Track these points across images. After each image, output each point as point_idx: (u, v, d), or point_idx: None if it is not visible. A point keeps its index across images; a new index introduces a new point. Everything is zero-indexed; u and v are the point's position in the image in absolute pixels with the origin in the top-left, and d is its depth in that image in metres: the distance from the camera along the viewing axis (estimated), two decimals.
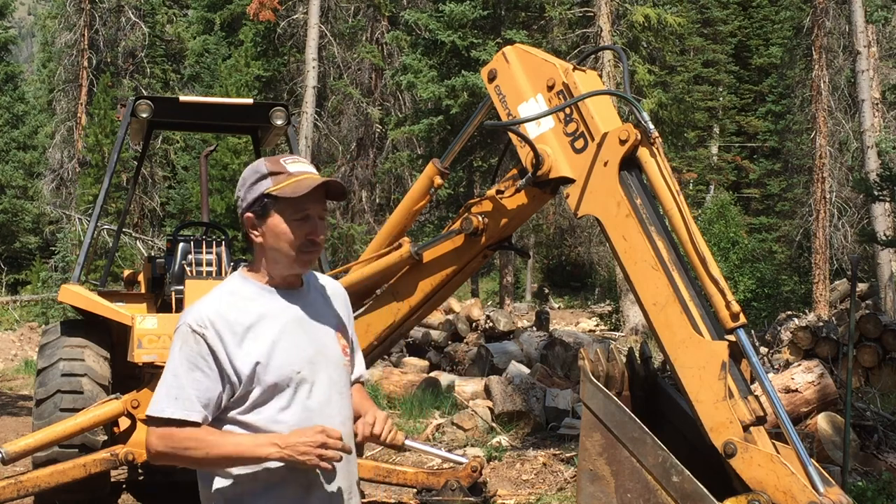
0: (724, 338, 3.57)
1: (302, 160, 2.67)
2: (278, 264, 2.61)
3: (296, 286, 2.66)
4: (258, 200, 2.58)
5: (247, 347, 2.51)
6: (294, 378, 2.55)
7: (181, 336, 2.52)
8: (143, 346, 6.11)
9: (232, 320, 2.52)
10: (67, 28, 32.01)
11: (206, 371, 2.49)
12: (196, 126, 9.94)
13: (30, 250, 33.80)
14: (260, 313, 2.56)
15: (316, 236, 2.59)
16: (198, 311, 2.54)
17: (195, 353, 2.50)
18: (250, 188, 2.60)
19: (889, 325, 10.86)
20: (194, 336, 2.50)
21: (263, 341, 2.53)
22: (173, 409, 2.48)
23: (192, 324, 2.51)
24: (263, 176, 2.59)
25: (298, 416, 2.54)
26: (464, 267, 4.80)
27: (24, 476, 5.96)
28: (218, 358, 2.50)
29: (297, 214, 2.56)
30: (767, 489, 3.27)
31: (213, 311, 2.53)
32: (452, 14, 23.05)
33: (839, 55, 24.29)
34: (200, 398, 2.49)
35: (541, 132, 4.19)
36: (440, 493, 6.18)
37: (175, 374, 2.50)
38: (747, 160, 38.47)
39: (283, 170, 2.59)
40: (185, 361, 2.50)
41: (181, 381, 2.49)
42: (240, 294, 2.60)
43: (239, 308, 2.55)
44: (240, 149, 24.73)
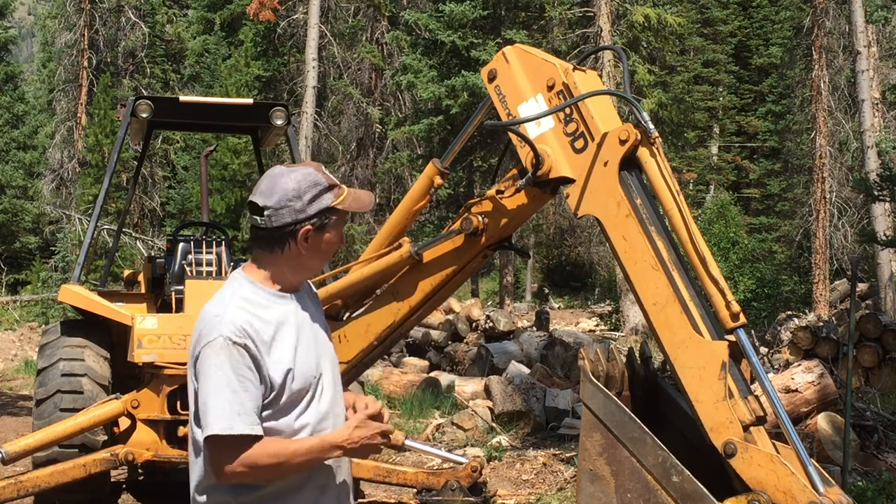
0: (724, 338, 3.57)
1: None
2: (305, 273, 2.66)
3: (298, 290, 2.69)
4: (322, 214, 2.58)
5: (276, 355, 2.53)
6: (312, 382, 2.59)
7: (224, 349, 2.47)
8: (143, 346, 6.11)
9: (259, 329, 2.52)
10: (67, 28, 32.01)
11: (254, 381, 2.49)
12: (196, 126, 9.95)
13: (30, 250, 33.80)
14: (278, 320, 2.57)
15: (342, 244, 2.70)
16: (231, 322, 2.50)
17: (242, 366, 2.47)
18: (313, 201, 2.57)
19: (889, 325, 10.87)
20: (237, 348, 2.47)
21: (288, 348, 2.55)
22: (242, 426, 2.45)
23: (232, 336, 2.48)
24: (326, 189, 2.58)
25: (314, 416, 2.59)
26: (464, 267, 4.79)
27: (24, 476, 5.96)
28: (259, 367, 2.50)
29: (342, 225, 2.64)
30: (767, 489, 3.27)
31: (245, 321, 2.51)
32: (452, 14, 23.05)
33: (839, 55, 24.30)
34: (256, 410, 2.49)
35: (541, 132, 4.19)
36: (440, 493, 6.18)
37: (232, 389, 2.46)
38: (747, 160, 38.47)
39: (335, 182, 2.60)
40: (235, 375, 2.46)
41: (240, 397, 2.46)
42: (256, 302, 2.58)
43: (260, 316, 2.55)
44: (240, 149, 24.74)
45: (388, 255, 4.87)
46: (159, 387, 6.16)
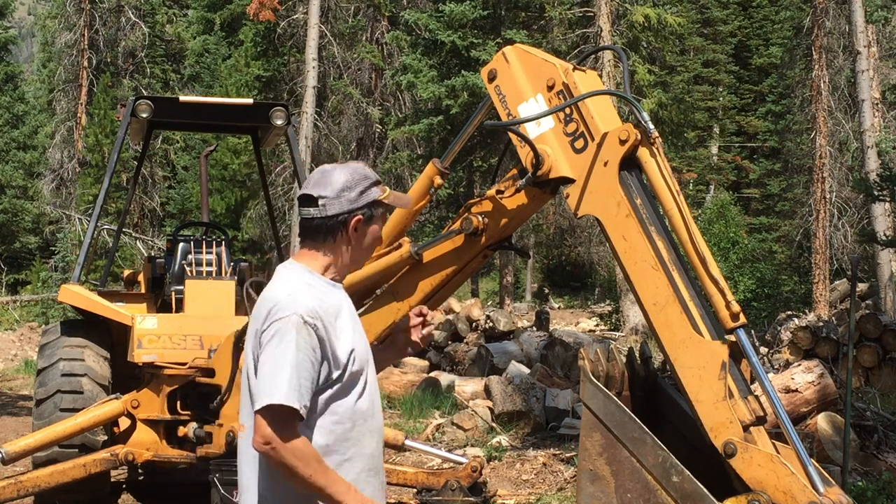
0: (724, 338, 3.57)
1: None
2: (354, 264, 2.84)
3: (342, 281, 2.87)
4: (371, 206, 2.77)
5: (340, 337, 2.69)
6: (366, 364, 2.76)
7: (295, 327, 2.59)
8: (143, 346, 6.12)
9: (326, 312, 2.68)
10: (67, 28, 32.01)
11: (314, 364, 2.62)
12: (196, 126, 9.96)
13: (30, 250, 33.79)
14: (337, 305, 2.74)
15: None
16: (304, 303, 2.64)
17: (308, 346, 2.61)
18: (363, 193, 2.76)
19: (889, 325, 10.86)
20: (307, 328, 2.60)
21: (348, 331, 2.72)
22: (293, 397, 2.55)
23: (305, 316, 2.61)
24: (375, 183, 2.79)
25: (367, 402, 2.75)
26: (464, 267, 4.79)
27: (24, 476, 5.96)
28: (324, 349, 2.64)
29: (383, 222, 2.86)
30: (767, 489, 3.27)
31: (317, 303, 2.66)
32: (452, 14, 23.04)
33: (839, 55, 24.29)
34: (310, 391, 2.61)
35: (541, 132, 4.19)
36: (440, 493, 6.18)
37: (295, 366, 2.57)
38: (747, 160, 38.46)
39: (377, 177, 2.82)
40: (302, 353, 2.59)
41: (300, 374, 2.58)
42: (317, 288, 2.74)
43: (323, 300, 2.70)
44: (240, 149, 24.75)
45: (388, 255, 4.87)
46: (159, 387, 6.16)
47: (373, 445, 2.76)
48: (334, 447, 2.66)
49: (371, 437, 2.76)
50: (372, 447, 2.76)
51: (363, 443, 2.73)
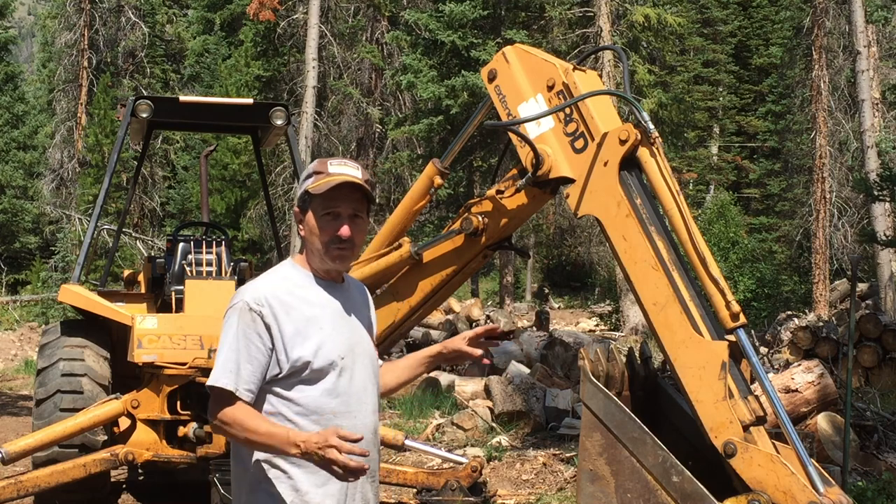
0: (724, 338, 3.57)
1: (350, 163, 2.78)
2: (315, 257, 2.77)
3: (337, 281, 2.82)
4: (301, 196, 2.77)
5: (300, 329, 2.66)
6: (338, 363, 2.70)
7: (238, 312, 2.67)
8: (143, 346, 6.12)
9: (287, 303, 2.68)
10: (67, 28, 31.98)
11: (260, 347, 2.64)
12: (196, 126, 9.96)
13: (30, 250, 33.78)
14: (310, 300, 2.73)
15: (344, 233, 2.71)
16: (255, 289, 2.70)
17: (252, 331, 2.64)
18: (300, 184, 2.80)
19: (889, 325, 10.86)
20: (251, 314, 2.65)
21: (313, 325, 2.69)
22: (226, 380, 2.63)
23: (250, 301, 2.66)
24: (310, 175, 2.77)
25: (340, 399, 2.70)
26: (464, 267, 4.79)
27: (24, 476, 5.95)
28: (272, 336, 2.65)
29: (326, 210, 2.71)
30: (767, 489, 3.28)
31: (270, 292, 2.69)
32: (452, 14, 23.04)
33: (839, 55, 24.28)
34: (253, 373, 2.64)
35: (541, 132, 4.19)
36: (440, 493, 6.17)
37: (233, 348, 2.65)
38: (747, 160, 38.46)
39: (325, 170, 2.73)
40: (243, 337, 2.65)
41: (237, 357, 2.64)
42: (292, 280, 2.75)
43: (293, 293, 2.71)
44: (240, 149, 24.74)
45: (388, 255, 4.87)
46: (159, 387, 6.16)
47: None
48: None
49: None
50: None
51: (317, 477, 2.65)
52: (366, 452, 2.55)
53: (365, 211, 2.78)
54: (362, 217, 2.77)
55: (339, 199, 2.71)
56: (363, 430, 2.71)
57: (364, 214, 2.78)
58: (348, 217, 2.73)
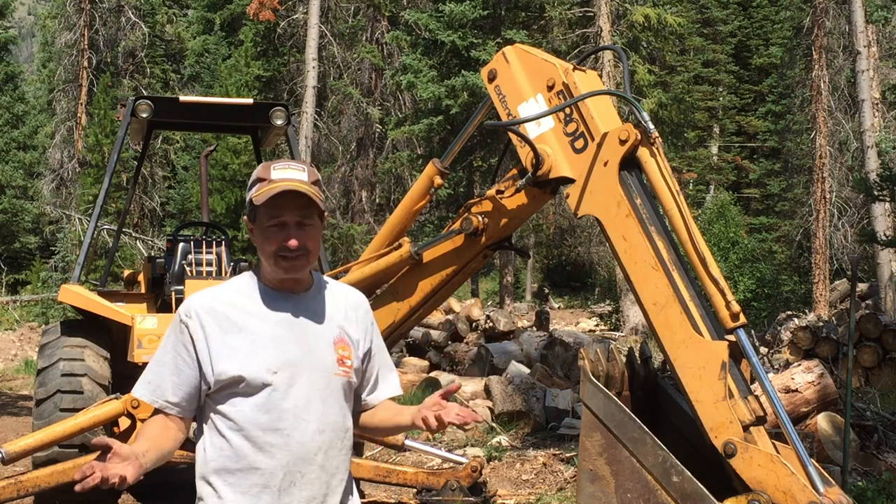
0: (724, 338, 3.57)
1: (294, 166, 2.61)
2: (267, 268, 2.63)
3: (296, 289, 2.65)
4: (248, 206, 2.64)
5: (229, 342, 2.55)
6: (267, 378, 2.55)
7: (172, 324, 2.63)
8: (143, 346, 6.12)
9: (220, 314, 2.58)
10: (67, 28, 31.98)
11: (185, 359, 2.58)
12: (196, 126, 9.95)
13: (30, 250, 33.79)
14: (250, 311, 2.60)
15: (290, 243, 2.54)
16: (189, 301, 2.64)
17: (178, 343, 2.59)
18: (247, 192, 2.66)
19: (889, 325, 10.86)
20: (180, 325, 2.59)
21: (245, 338, 2.56)
22: (142, 391, 2.65)
23: (182, 313, 2.61)
24: (254, 182, 2.62)
25: (270, 415, 2.56)
26: (464, 267, 4.80)
27: (24, 476, 5.95)
28: (197, 348, 2.56)
29: (271, 220, 2.56)
30: (767, 489, 3.28)
31: (202, 304, 2.60)
32: (452, 14, 23.04)
33: (839, 55, 24.29)
34: (178, 386, 2.60)
35: (541, 132, 4.19)
36: (440, 493, 6.17)
37: (157, 360, 2.63)
38: (747, 160, 38.47)
39: (268, 176, 2.57)
40: (171, 349, 2.61)
41: (161, 368, 2.62)
42: (240, 290, 2.65)
43: (231, 303, 2.61)
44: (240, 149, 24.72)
45: (388, 255, 4.87)
46: None
47: (273, 464, 2.56)
48: (229, 454, 2.63)
49: (273, 455, 2.56)
50: (271, 465, 2.56)
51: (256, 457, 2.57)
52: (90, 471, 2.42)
53: (314, 216, 2.59)
54: (311, 223, 2.58)
55: (283, 207, 2.53)
56: (297, 450, 2.55)
57: (313, 220, 2.59)
58: (295, 225, 2.55)
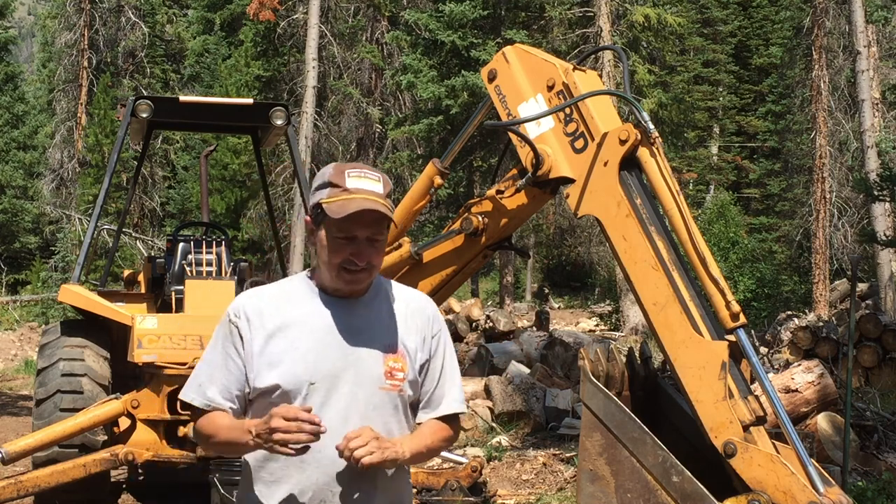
0: (724, 338, 3.57)
1: (370, 175, 2.48)
2: (324, 274, 2.52)
3: (350, 295, 2.53)
4: (314, 208, 2.49)
5: (270, 347, 2.47)
6: (304, 388, 2.44)
7: (221, 324, 2.55)
8: (143, 346, 6.11)
9: (266, 315, 2.50)
10: (67, 28, 31.98)
11: (235, 361, 2.50)
12: (196, 126, 9.96)
13: (30, 250, 33.79)
14: (296, 316, 2.50)
15: (358, 259, 2.44)
16: (238, 301, 2.56)
17: (229, 343, 2.51)
18: (313, 193, 2.51)
19: (889, 325, 10.86)
20: (229, 325, 2.51)
21: (286, 343, 2.47)
22: (193, 394, 2.53)
23: (230, 313, 2.53)
24: (324, 185, 2.48)
25: None
26: (464, 267, 4.80)
27: (24, 476, 5.95)
28: (244, 350, 2.49)
29: (340, 234, 2.44)
30: (767, 489, 3.28)
31: (251, 304, 2.52)
32: (452, 14, 23.04)
33: (839, 55, 24.29)
34: (228, 388, 2.51)
35: (541, 132, 4.20)
36: (440, 493, 6.17)
37: (207, 361, 2.55)
38: (747, 160, 38.47)
39: (343, 183, 2.44)
40: (220, 349, 2.52)
41: (212, 370, 2.53)
42: (289, 293, 2.56)
43: (278, 306, 2.52)
44: (240, 149, 24.73)
45: (388, 255, 4.87)
46: (159, 387, 6.16)
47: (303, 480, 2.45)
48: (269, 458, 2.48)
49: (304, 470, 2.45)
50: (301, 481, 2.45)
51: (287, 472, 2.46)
52: (314, 419, 2.33)
53: (384, 230, 2.49)
54: (379, 239, 2.47)
55: (356, 222, 2.42)
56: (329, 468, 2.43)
57: (382, 236, 2.49)
58: (365, 240, 2.44)
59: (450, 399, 2.61)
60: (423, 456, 2.57)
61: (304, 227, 13.44)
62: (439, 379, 2.60)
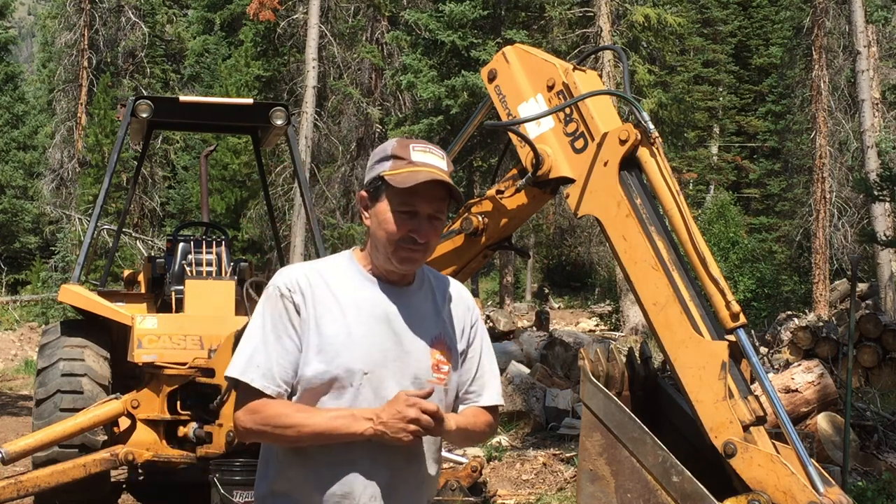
0: (724, 338, 3.57)
1: (435, 151, 2.43)
2: (378, 253, 2.41)
3: (400, 282, 2.45)
4: (374, 181, 2.40)
5: (325, 328, 2.35)
6: (358, 378, 2.35)
7: (270, 299, 2.38)
8: (143, 346, 6.11)
9: (319, 292, 2.37)
10: (67, 28, 31.99)
11: (292, 339, 2.35)
12: (196, 126, 9.97)
13: (30, 250, 33.80)
14: (349, 297, 2.39)
15: (419, 235, 2.36)
16: (289, 274, 2.40)
17: (284, 319, 2.35)
18: (372, 166, 2.43)
19: (889, 325, 10.86)
20: (283, 300, 2.36)
21: (340, 327, 2.35)
22: (253, 375, 2.34)
23: (282, 286, 2.37)
24: (387, 157, 2.40)
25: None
26: (464, 267, 4.80)
27: (24, 476, 5.95)
28: (300, 325, 2.35)
29: (403, 206, 2.35)
30: (767, 489, 3.28)
31: (304, 277, 2.38)
32: (452, 14, 23.05)
33: (839, 55, 24.29)
34: (284, 370, 2.35)
35: (541, 132, 4.19)
36: (440, 493, 6.17)
37: (263, 339, 2.35)
38: (747, 160, 38.48)
39: (407, 156, 2.37)
40: (272, 326, 2.35)
41: (268, 349, 2.35)
42: (338, 271, 2.43)
43: (330, 284, 2.39)
44: (240, 149, 24.74)
45: None
46: (159, 387, 6.16)
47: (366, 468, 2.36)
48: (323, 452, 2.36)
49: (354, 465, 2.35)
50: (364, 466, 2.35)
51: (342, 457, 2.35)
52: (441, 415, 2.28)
53: (445, 211, 2.43)
54: (441, 218, 2.41)
55: (421, 196, 2.35)
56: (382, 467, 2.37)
57: (444, 215, 2.43)
58: (427, 217, 2.38)
59: (491, 391, 2.56)
60: (467, 434, 2.50)
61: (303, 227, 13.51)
62: (477, 369, 2.55)
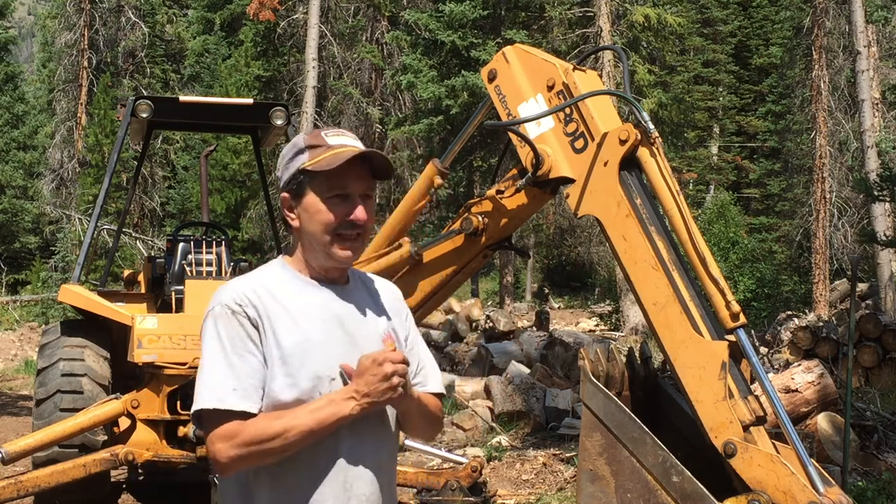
0: (724, 338, 3.57)
1: (346, 133, 2.35)
2: (315, 252, 2.31)
3: (339, 281, 2.36)
4: (294, 178, 2.30)
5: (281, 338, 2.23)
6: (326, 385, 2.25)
7: (220, 318, 2.24)
8: (143, 346, 6.11)
9: (268, 303, 2.25)
10: (67, 28, 31.99)
11: (255, 354, 2.22)
12: (196, 126, 9.96)
13: (30, 250, 33.80)
14: (296, 304, 2.28)
15: (356, 217, 2.27)
16: (234, 289, 2.27)
17: (242, 336, 2.22)
18: (287, 165, 2.34)
19: (889, 325, 10.86)
20: (236, 317, 2.23)
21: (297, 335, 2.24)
22: (233, 400, 2.20)
23: (230, 303, 2.23)
24: (300, 151, 2.31)
25: None
26: (464, 267, 4.80)
27: (24, 476, 5.95)
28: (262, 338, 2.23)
29: (334, 191, 2.26)
30: (767, 489, 3.28)
31: (251, 290, 2.26)
32: (452, 14, 23.05)
33: (839, 55, 24.29)
34: (255, 388, 2.22)
35: (541, 132, 4.19)
36: (440, 493, 6.17)
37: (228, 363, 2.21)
38: (747, 160, 38.48)
39: (323, 142, 2.29)
40: (232, 347, 2.22)
41: (237, 370, 2.21)
42: (277, 280, 2.32)
43: (275, 293, 2.27)
44: (240, 149, 24.75)
45: (389, 255, 4.87)
46: (159, 387, 6.16)
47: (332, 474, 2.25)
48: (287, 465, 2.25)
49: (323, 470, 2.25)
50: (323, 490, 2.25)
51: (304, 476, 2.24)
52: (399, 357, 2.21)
53: (375, 189, 2.34)
54: (372, 196, 2.32)
55: (350, 176, 2.26)
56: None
57: (374, 194, 2.34)
58: (361, 197, 2.29)
59: (434, 380, 2.49)
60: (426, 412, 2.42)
61: None
62: (419, 360, 2.47)
